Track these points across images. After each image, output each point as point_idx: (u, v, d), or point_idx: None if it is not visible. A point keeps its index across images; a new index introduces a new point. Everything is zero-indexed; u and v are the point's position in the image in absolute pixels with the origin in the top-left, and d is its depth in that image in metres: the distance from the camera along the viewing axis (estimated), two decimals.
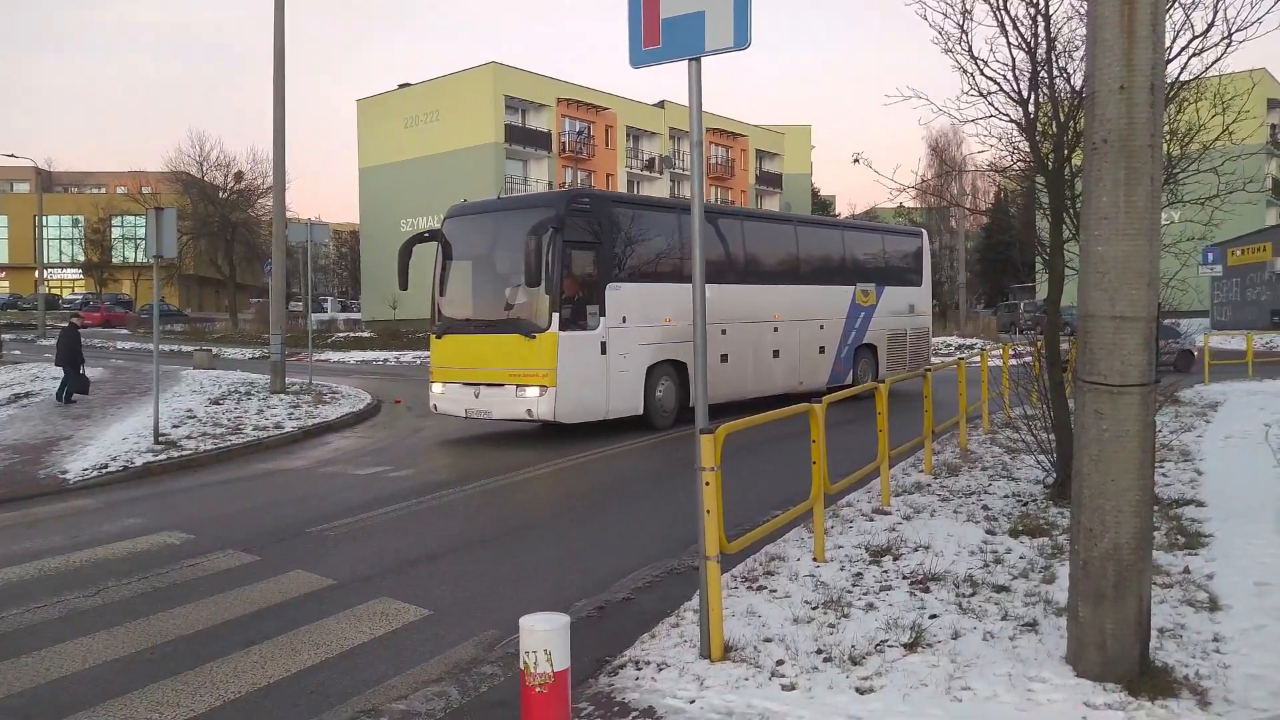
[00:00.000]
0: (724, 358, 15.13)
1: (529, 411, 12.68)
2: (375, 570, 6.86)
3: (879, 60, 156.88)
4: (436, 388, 14.00)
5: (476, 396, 13.20)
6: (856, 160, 10.39)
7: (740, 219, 17.66)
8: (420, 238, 14.40)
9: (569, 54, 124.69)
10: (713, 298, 12.88)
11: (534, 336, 12.63)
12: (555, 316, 12.65)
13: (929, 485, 8.88)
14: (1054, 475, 8.31)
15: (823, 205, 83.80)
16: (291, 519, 8.59)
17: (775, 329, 16.53)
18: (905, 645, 4.68)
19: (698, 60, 4.89)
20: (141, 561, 7.19)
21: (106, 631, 5.55)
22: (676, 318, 14.15)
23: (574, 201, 13.57)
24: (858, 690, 4.20)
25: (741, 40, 4.74)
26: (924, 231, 22.78)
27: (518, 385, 12.77)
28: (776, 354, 16.57)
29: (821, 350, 17.67)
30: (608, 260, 13.59)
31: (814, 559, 6.37)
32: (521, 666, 2.97)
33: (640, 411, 13.82)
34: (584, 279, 13.31)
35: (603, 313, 13.32)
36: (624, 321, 13.57)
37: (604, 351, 13.23)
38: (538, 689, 2.93)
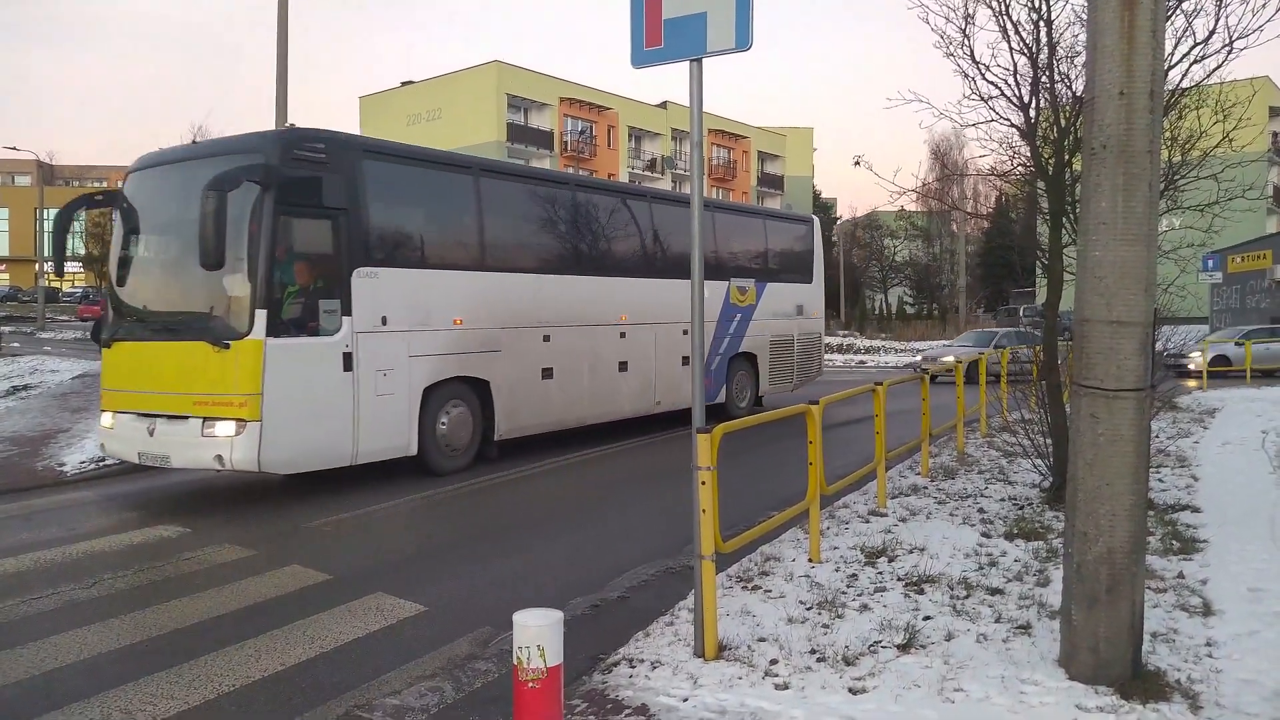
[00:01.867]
0: (546, 373, 11.91)
1: (219, 459, 8.59)
2: (371, 566, 6.87)
3: (881, 63, 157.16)
4: (105, 419, 9.66)
5: (151, 433, 9.00)
6: (857, 163, 10.47)
7: (571, 188, 13.15)
8: (91, 200, 10.41)
9: (572, 53, 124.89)
10: (525, 292, 11.66)
11: (226, 346, 8.60)
12: (260, 316, 8.63)
13: (925, 488, 8.89)
14: (1050, 479, 8.32)
15: (824, 207, 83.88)
16: (290, 514, 8.60)
17: (622, 334, 13.19)
18: (899, 646, 4.69)
19: (699, 61, 4.90)
20: (138, 554, 7.20)
21: (102, 623, 5.56)
22: (472, 319, 10.83)
23: (294, 146, 9.23)
24: (850, 690, 4.21)
25: (743, 41, 4.76)
26: (814, 219, 19.21)
27: (205, 418, 8.68)
28: (624, 366, 13.23)
29: (685, 361, 14.25)
30: (356, 235, 9.58)
31: (809, 560, 6.38)
32: (514, 662, 2.98)
33: (413, 450, 10.04)
34: (314, 262, 9.36)
35: (347, 310, 9.37)
36: (384, 323, 9.69)
37: (349, 367, 9.33)
38: (530, 684, 2.95)
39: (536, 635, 2.94)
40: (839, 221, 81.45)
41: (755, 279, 16.05)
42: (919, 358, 27.58)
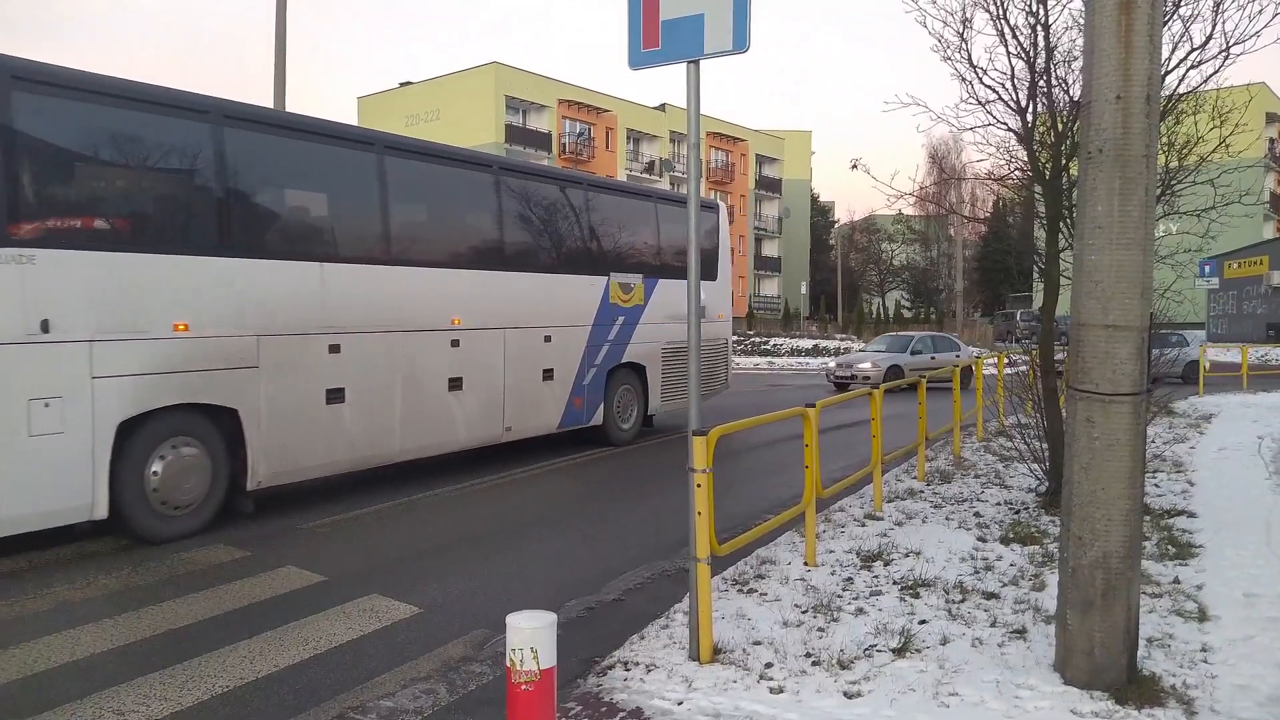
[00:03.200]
0: (334, 395, 8.92)
1: None
2: (366, 567, 6.85)
3: (880, 66, 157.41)
4: None
5: None
6: (855, 166, 10.42)
7: (377, 150, 9.63)
8: None
9: (572, 55, 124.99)
10: (300, 286, 8.66)
11: None
12: None
13: (922, 492, 8.89)
14: (1046, 484, 8.33)
15: (822, 211, 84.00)
16: (282, 515, 8.57)
17: (455, 342, 10.22)
18: (894, 650, 4.69)
19: (696, 63, 4.91)
20: (131, 556, 7.17)
21: (95, 624, 5.54)
22: (207, 322, 7.87)
23: None
24: (845, 694, 4.20)
25: (740, 43, 4.76)
26: (719, 204, 16.08)
27: None
28: (457, 384, 10.26)
29: (548, 375, 11.57)
30: None
31: (805, 563, 6.38)
32: (507, 664, 2.97)
33: (101, 513, 7.14)
34: None
35: None
36: (45, 330, 6.79)
37: None
38: (523, 686, 2.93)
39: (529, 637, 2.92)
40: (837, 225, 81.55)
41: (643, 275, 13.32)
42: (832, 364, 25.55)
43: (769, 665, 4.56)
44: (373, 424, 9.33)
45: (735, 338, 42.98)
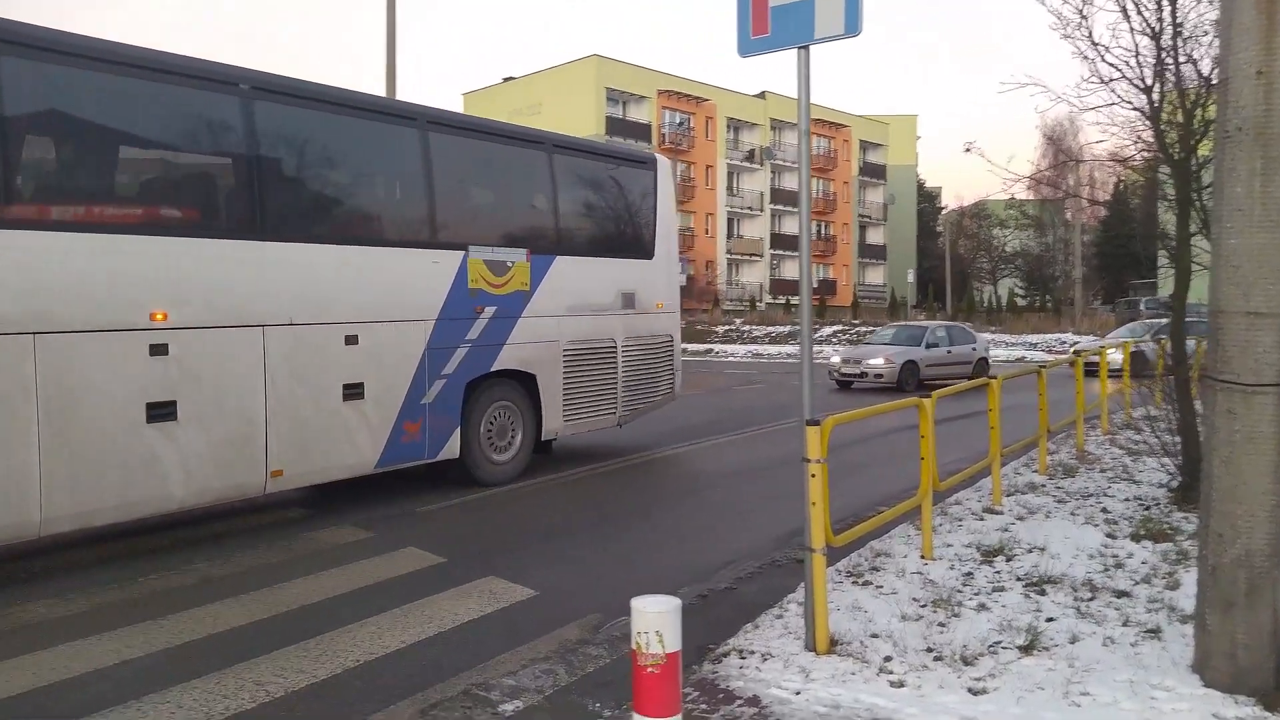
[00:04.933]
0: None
1: None
2: (483, 550, 7.06)
3: (993, 46, 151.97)
4: None
5: None
6: (968, 150, 10.09)
7: (31, 52, 6.31)
8: None
9: (671, 45, 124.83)
10: None
11: None
12: None
13: (1043, 486, 8.61)
14: (1179, 478, 7.94)
15: (928, 196, 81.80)
16: (403, 498, 8.90)
17: (157, 348, 6.84)
18: (1020, 648, 4.57)
19: (806, 48, 4.85)
20: (264, 534, 7.57)
21: (235, 599, 5.87)
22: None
23: None
24: (970, 690, 4.12)
25: (852, 27, 4.70)
26: (661, 159, 12.16)
27: None
28: (165, 412, 6.85)
29: (352, 392, 8.11)
30: None
31: (922, 556, 6.26)
32: (633, 647, 3.03)
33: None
34: None
35: None
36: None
37: None
38: (649, 669, 2.99)
39: (655, 621, 2.98)
40: (944, 211, 79.23)
41: (529, 248, 9.93)
42: (836, 359, 22.45)
43: (888, 659, 4.50)
44: None
45: (839, 327, 42.26)
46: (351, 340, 8.12)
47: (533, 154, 10.43)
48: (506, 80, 59.38)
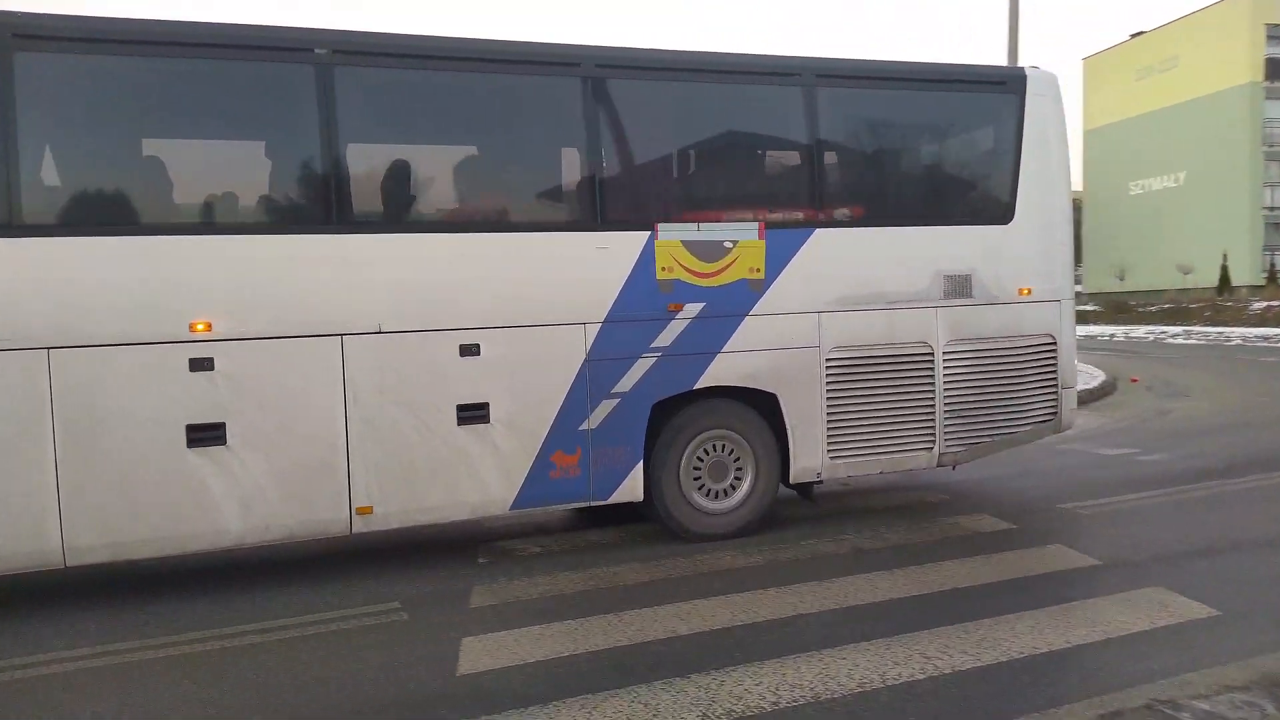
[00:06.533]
0: None
1: None
2: (1140, 557, 6.46)
3: None
4: None
5: None
6: None
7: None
8: None
9: None
10: None
11: None
12: None
13: None
14: None
15: None
16: (1038, 492, 8.59)
17: (199, 363, 6.01)
18: None
19: None
20: (904, 514, 7.94)
21: (887, 572, 6.24)
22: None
23: None
24: None
25: None
26: (1027, 75, 8.09)
27: None
28: (214, 435, 6.04)
29: (472, 414, 6.59)
30: None
31: None
32: None
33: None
34: None
35: None
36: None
37: None
38: None
39: None
40: None
41: (760, 223, 7.31)
42: None
43: None
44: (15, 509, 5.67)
45: None
46: (469, 350, 6.58)
47: (785, 90, 7.58)
48: (1135, 36, 53.26)
